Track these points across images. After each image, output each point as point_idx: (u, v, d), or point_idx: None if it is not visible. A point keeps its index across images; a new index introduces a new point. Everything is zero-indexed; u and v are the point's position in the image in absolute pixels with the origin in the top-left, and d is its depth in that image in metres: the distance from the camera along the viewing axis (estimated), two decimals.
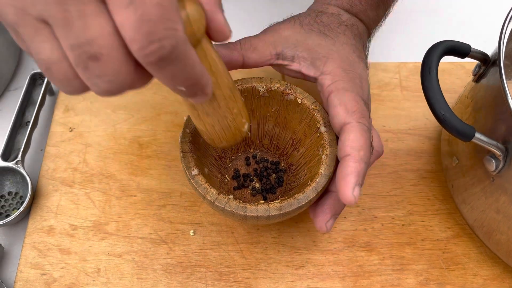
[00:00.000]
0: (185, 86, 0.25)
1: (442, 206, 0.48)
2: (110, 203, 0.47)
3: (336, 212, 0.38)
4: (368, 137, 0.36)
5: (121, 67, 0.23)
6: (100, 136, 0.51)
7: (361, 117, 0.37)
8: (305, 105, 0.40)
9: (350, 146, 0.35)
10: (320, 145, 0.39)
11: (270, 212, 0.35)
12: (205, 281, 0.43)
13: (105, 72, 0.23)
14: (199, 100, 0.27)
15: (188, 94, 0.26)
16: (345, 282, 0.44)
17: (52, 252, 0.44)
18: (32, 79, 0.51)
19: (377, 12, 0.45)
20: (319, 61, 0.39)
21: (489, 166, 0.38)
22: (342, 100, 0.37)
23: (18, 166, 0.45)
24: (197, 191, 0.36)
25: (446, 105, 0.36)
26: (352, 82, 0.38)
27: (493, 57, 0.40)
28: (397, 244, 0.46)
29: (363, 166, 0.35)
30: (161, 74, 0.24)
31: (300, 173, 0.43)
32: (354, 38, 0.42)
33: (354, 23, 0.43)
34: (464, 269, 0.45)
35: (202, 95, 0.27)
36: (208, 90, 0.27)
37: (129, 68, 0.23)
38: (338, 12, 0.43)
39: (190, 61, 0.24)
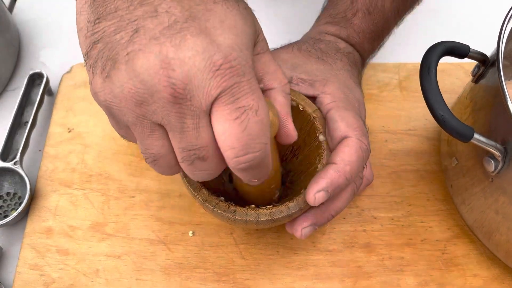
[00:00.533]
0: (256, 180, 0.30)
1: (442, 207, 0.48)
2: (109, 203, 0.47)
3: (317, 223, 0.38)
4: (362, 156, 0.36)
5: (218, 165, 0.28)
6: (99, 137, 0.51)
7: (362, 135, 0.36)
8: (306, 112, 0.39)
9: (340, 157, 0.35)
10: (317, 154, 0.39)
11: (259, 217, 0.35)
12: (204, 282, 0.43)
13: (206, 168, 0.28)
14: (256, 184, 0.30)
15: (252, 182, 0.30)
16: (344, 283, 0.44)
17: (51, 253, 0.44)
18: (31, 79, 0.50)
19: (372, 45, 0.46)
20: (318, 83, 0.40)
21: (488, 166, 0.38)
22: (343, 116, 0.37)
23: (17, 167, 0.45)
24: (189, 190, 0.36)
25: (445, 105, 0.36)
26: (351, 104, 0.39)
27: (492, 58, 0.40)
28: (396, 245, 0.46)
29: (341, 180, 0.35)
30: (241, 175, 0.28)
31: (297, 180, 0.42)
32: (350, 65, 0.43)
33: (351, 51, 0.44)
34: (463, 270, 0.45)
35: (261, 181, 0.30)
36: (267, 178, 0.30)
37: (224, 165, 0.28)
38: (335, 40, 0.44)
39: (268, 166, 0.29)
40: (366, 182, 0.43)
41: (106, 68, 0.25)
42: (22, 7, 0.61)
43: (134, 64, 0.25)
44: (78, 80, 0.54)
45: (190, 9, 0.25)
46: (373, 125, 0.52)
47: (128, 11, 0.25)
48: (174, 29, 0.25)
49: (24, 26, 0.59)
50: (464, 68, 0.56)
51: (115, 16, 0.25)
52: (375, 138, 0.52)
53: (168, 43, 0.24)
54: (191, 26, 0.25)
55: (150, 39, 0.25)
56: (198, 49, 0.24)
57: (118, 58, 0.25)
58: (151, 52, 0.24)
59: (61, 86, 0.53)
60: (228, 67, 0.25)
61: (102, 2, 0.26)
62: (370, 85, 0.55)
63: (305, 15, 0.50)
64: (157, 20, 0.25)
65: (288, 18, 0.61)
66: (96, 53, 0.26)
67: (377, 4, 0.44)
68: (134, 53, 0.25)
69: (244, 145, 0.26)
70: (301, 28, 0.49)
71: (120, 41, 0.25)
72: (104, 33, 0.25)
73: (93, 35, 0.26)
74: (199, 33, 0.25)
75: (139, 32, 0.25)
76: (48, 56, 0.57)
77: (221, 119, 0.25)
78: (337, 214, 0.39)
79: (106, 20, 0.26)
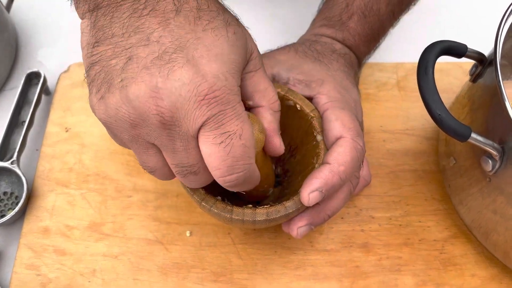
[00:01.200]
0: (244, 191, 0.33)
1: (439, 207, 0.48)
2: (106, 203, 0.47)
3: (313, 222, 0.38)
4: (356, 157, 0.36)
5: (210, 176, 0.31)
6: (96, 137, 0.50)
7: (356, 136, 0.37)
8: (304, 111, 0.40)
9: (334, 157, 0.35)
10: (315, 154, 0.39)
11: (256, 217, 0.35)
12: (201, 282, 0.43)
13: (199, 179, 0.31)
14: (245, 190, 0.33)
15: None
16: (342, 283, 0.44)
17: (48, 252, 0.44)
18: (28, 79, 0.50)
19: (368, 48, 0.46)
20: (314, 83, 0.40)
21: (486, 166, 0.38)
22: (338, 116, 0.37)
23: (14, 166, 0.45)
24: (186, 189, 0.36)
25: (442, 105, 0.36)
26: (347, 104, 0.39)
27: (489, 57, 0.40)
28: (394, 244, 0.46)
29: (336, 180, 0.35)
30: (231, 189, 0.31)
31: (294, 180, 0.42)
32: (347, 66, 0.43)
33: (347, 52, 0.44)
34: (461, 269, 0.45)
35: (250, 188, 0.33)
36: (255, 185, 0.33)
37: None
38: (331, 42, 0.44)
39: (254, 180, 0.32)
40: (364, 182, 0.44)
41: (101, 90, 0.28)
42: (19, 7, 0.61)
43: (127, 91, 0.27)
44: (76, 80, 0.54)
45: (179, 39, 0.27)
46: (370, 125, 0.52)
47: (123, 38, 0.27)
48: (164, 59, 0.26)
49: (22, 25, 0.59)
50: (463, 67, 0.56)
51: (111, 42, 0.27)
52: (373, 138, 0.52)
53: (157, 73, 0.26)
54: (179, 57, 0.26)
55: (142, 68, 0.26)
56: (185, 80, 0.26)
57: (113, 83, 0.27)
58: (143, 81, 0.26)
59: (59, 86, 0.53)
60: (213, 96, 0.27)
61: (101, 26, 0.28)
62: (368, 84, 0.55)
63: (302, 16, 0.50)
64: (149, 49, 0.27)
65: (285, 18, 0.61)
66: (93, 74, 0.28)
67: (372, 8, 0.44)
68: (127, 81, 0.27)
69: (229, 167, 0.28)
70: (298, 29, 0.49)
71: (115, 66, 0.27)
72: (101, 57, 0.28)
73: (92, 57, 0.28)
74: (186, 63, 0.26)
75: (132, 60, 0.27)
76: (46, 55, 0.57)
77: (207, 143, 0.28)
78: (333, 214, 0.39)
79: (104, 45, 0.28)
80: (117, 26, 0.27)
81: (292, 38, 0.47)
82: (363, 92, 0.54)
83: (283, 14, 0.61)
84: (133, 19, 0.27)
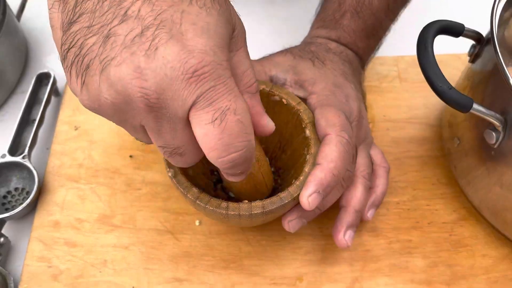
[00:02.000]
0: (238, 175, 0.30)
1: (446, 190, 0.48)
2: (116, 196, 0.47)
3: (304, 216, 0.38)
4: (344, 151, 0.36)
5: (196, 156, 0.29)
6: (105, 133, 0.51)
7: (341, 131, 0.37)
8: (290, 105, 0.40)
9: (322, 156, 0.36)
10: (305, 145, 0.39)
11: (252, 210, 0.34)
12: (212, 270, 0.43)
13: (185, 160, 0.29)
14: (241, 179, 0.31)
15: (234, 177, 0.30)
16: (353, 266, 0.44)
17: (59, 245, 0.44)
18: (38, 80, 0.52)
19: (367, 43, 0.47)
20: (307, 83, 0.41)
21: (490, 139, 0.38)
22: (323, 114, 0.38)
23: (25, 161, 0.46)
24: (179, 190, 0.36)
25: (444, 78, 0.36)
26: (336, 100, 0.40)
27: (487, 36, 0.41)
28: (403, 228, 0.46)
29: (329, 178, 0.35)
30: (225, 172, 0.29)
31: (287, 175, 0.43)
32: (343, 63, 0.44)
33: (343, 50, 0.45)
34: (472, 250, 0.44)
35: (245, 175, 0.31)
36: (247, 174, 0.31)
37: (201, 154, 0.29)
38: (326, 42, 0.45)
39: (251, 161, 0.29)
40: (384, 169, 0.44)
41: (82, 75, 0.25)
42: (29, 16, 0.63)
43: (108, 74, 0.24)
44: None
45: (161, 13, 0.25)
46: (374, 115, 0.53)
47: (99, 13, 0.25)
48: (145, 36, 0.24)
49: (31, 33, 0.61)
50: (461, 58, 0.57)
51: (85, 18, 0.25)
52: (377, 127, 0.52)
53: (139, 52, 0.24)
54: (161, 33, 0.24)
55: (122, 47, 0.24)
56: (169, 58, 0.24)
57: (92, 66, 0.25)
58: (123, 61, 0.24)
59: (68, 87, 0.55)
60: (201, 73, 0.25)
61: (73, 4, 0.26)
62: (370, 77, 0.56)
63: (303, 17, 0.51)
64: (127, 26, 0.24)
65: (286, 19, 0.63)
66: (71, 58, 0.26)
67: (364, 3, 0.45)
68: (107, 62, 0.24)
69: (226, 145, 0.26)
70: (299, 29, 0.50)
71: (93, 46, 0.25)
72: (77, 36, 0.25)
73: (67, 39, 0.26)
74: (170, 39, 0.24)
75: (110, 39, 0.24)
76: (54, 61, 0.59)
77: (200, 123, 0.26)
78: (325, 208, 0.40)
79: (78, 23, 0.25)
80: (90, 1, 0.25)
81: (293, 39, 0.48)
82: (366, 84, 0.54)
83: (284, 15, 0.63)
84: None
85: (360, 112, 0.41)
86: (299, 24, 0.51)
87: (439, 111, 0.53)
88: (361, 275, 0.43)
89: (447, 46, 0.48)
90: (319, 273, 0.43)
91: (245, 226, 0.45)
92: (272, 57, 0.44)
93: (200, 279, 0.43)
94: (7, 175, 0.47)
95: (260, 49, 0.46)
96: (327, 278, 0.43)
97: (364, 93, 0.46)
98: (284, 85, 0.41)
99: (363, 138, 0.42)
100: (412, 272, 0.43)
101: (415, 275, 0.43)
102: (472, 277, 0.43)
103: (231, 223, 0.40)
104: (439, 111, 0.53)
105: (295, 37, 0.48)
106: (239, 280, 0.43)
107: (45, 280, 0.43)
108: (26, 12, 0.64)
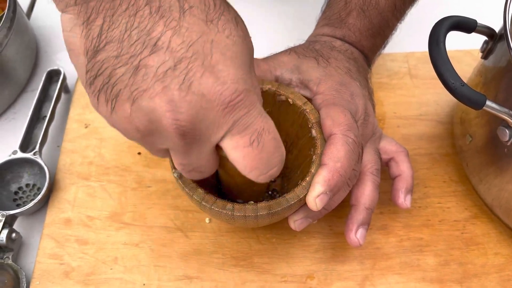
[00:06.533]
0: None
1: (458, 188, 0.48)
2: (126, 194, 0.48)
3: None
4: (350, 150, 0.36)
5: (212, 172, 0.31)
6: (114, 131, 0.50)
7: (347, 130, 0.37)
8: (296, 105, 0.39)
9: (328, 157, 0.36)
10: (311, 145, 0.39)
11: (258, 211, 0.34)
12: (222, 267, 0.43)
13: (201, 176, 0.31)
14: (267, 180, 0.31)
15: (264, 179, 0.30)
16: (363, 264, 0.43)
17: (70, 242, 0.45)
18: (49, 77, 0.52)
19: (373, 42, 0.46)
20: (312, 83, 0.40)
21: (503, 136, 0.38)
22: (329, 113, 0.38)
23: (36, 157, 0.46)
24: (184, 190, 0.36)
25: (456, 74, 0.36)
26: (342, 98, 0.39)
27: (500, 32, 0.41)
28: (414, 226, 0.45)
29: (336, 178, 0.35)
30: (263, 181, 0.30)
31: (293, 175, 0.42)
32: (348, 61, 0.43)
33: (347, 48, 0.44)
34: (484, 248, 0.44)
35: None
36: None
37: (215, 170, 0.31)
38: (330, 40, 0.45)
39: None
40: (403, 153, 0.43)
41: (112, 102, 0.26)
42: (38, 14, 0.64)
43: (140, 105, 0.25)
44: None
45: (192, 45, 0.25)
46: (385, 112, 0.53)
47: (127, 42, 0.25)
48: (179, 70, 0.24)
49: (41, 31, 0.61)
50: (473, 55, 0.56)
51: (113, 47, 0.25)
52: (388, 124, 0.52)
53: (173, 86, 0.24)
54: (195, 66, 0.25)
55: (154, 80, 0.24)
56: (205, 91, 0.25)
57: (122, 96, 0.25)
58: (157, 94, 0.24)
59: (78, 85, 0.55)
60: (235, 102, 0.26)
61: (97, 28, 0.25)
62: (380, 74, 0.56)
63: (310, 14, 0.50)
64: (159, 58, 0.24)
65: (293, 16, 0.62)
66: (99, 85, 0.26)
67: (371, 2, 0.45)
68: (139, 94, 0.25)
69: (266, 163, 0.28)
70: (306, 27, 0.49)
71: (122, 77, 0.25)
72: (104, 65, 0.25)
73: (94, 66, 0.25)
74: (203, 73, 0.25)
75: (141, 70, 0.24)
76: (64, 59, 0.59)
77: (237, 147, 0.27)
78: (331, 208, 0.40)
79: (105, 52, 0.25)
80: (116, 28, 0.25)
81: (300, 36, 0.47)
82: (376, 81, 0.55)
83: (291, 12, 0.63)
84: (133, 18, 0.25)
85: (365, 110, 0.41)
86: (307, 21, 0.51)
87: (450, 108, 0.53)
88: (372, 273, 0.43)
89: (457, 42, 0.48)
90: (329, 271, 0.43)
91: (251, 226, 0.45)
92: (277, 56, 0.43)
93: (210, 276, 0.43)
94: (19, 171, 0.47)
95: (268, 45, 0.46)
96: (338, 276, 0.43)
97: (371, 89, 0.46)
98: (290, 84, 0.41)
99: (369, 136, 0.42)
100: (424, 270, 0.43)
101: (427, 273, 0.43)
102: (484, 275, 0.43)
103: (237, 224, 0.40)
104: (450, 108, 0.53)
105: (302, 34, 0.48)
106: (250, 278, 0.43)
107: (57, 277, 0.43)
108: (36, 10, 0.64)
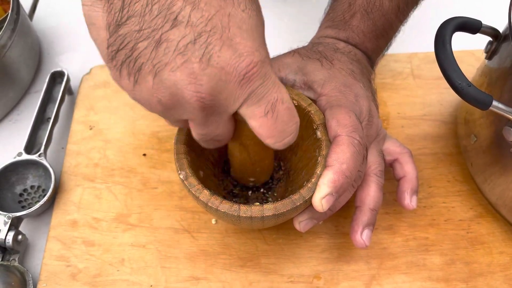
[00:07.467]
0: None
1: (462, 188, 0.48)
2: (132, 195, 0.48)
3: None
4: (355, 151, 0.36)
5: (228, 139, 0.33)
6: (120, 133, 0.52)
7: (352, 131, 0.37)
8: (301, 107, 0.39)
9: (334, 158, 0.36)
10: (316, 147, 0.39)
11: (264, 213, 0.34)
12: (229, 268, 0.43)
13: (218, 144, 0.33)
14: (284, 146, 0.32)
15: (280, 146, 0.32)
16: (370, 264, 0.44)
17: (76, 244, 0.45)
18: (52, 78, 0.52)
19: (377, 43, 0.46)
20: (316, 84, 0.40)
21: (509, 136, 0.38)
22: (334, 115, 0.38)
23: (41, 159, 0.46)
24: (190, 192, 0.36)
25: (462, 75, 0.36)
26: (346, 100, 0.39)
27: (504, 33, 0.41)
28: (420, 225, 0.46)
29: (342, 179, 0.35)
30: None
31: (297, 176, 0.42)
32: (352, 63, 0.43)
33: (351, 50, 0.45)
34: (489, 247, 0.44)
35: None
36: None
37: (231, 137, 0.33)
38: (333, 41, 0.45)
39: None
40: (407, 154, 0.44)
41: (135, 75, 0.27)
42: (41, 15, 0.63)
43: (162, 77, 0.26)
44: (98, 81, 0.55)
45: (211, 19, 0.26)
46: (389, 112, 0.53)
47: (148, 17, 0.26)
48: (199, 43, 0.26)
49: (44, 33, 0.61)
50: (475, 55, 0.57)
51: (134, 21, 0.26)
52: (392, 125, 0.52)
53: (193, 59, 0.26)
54: (214, 40, 0.26)
55: (176, 53, 0.26)
56: (223, 64, 0.26)
57: (145, 69, 0.26)
58: (178, 68, 0.26)
59: (81, 87, 0.55)
60: (251, 74, 0.27)
61: (119, 5, 0.26)
62: (384, 74, 0.56)
63: (313, 14, 0.51)
64: (179, 32, 0.26)
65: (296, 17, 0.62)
66: (121, 58, 0.27)
67: (375, 4, 0.45)
68: (161, 67, 0.26)
69: (281, 132, 0.30)
70: (308, 28, 0.49)
71: (144, 51, 0.26)
72: (126, 39, 0.26)
73: (116, 40, 0.27)
74: (222, 46, 0.26)
75: (163, 44, 0.26)
76: (67, 60, 0.59)
77: (254, 117, 0.29)
78: (336, 210, 0.40)
79: (127, 26, 0.26)
80: (138, 2, 0.26)
81: (302, 37, 0.48)
82: (379, 82, 0.55)
83: (294, 13, 0.63)
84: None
85: (369, 111, 0.41)
86: (310, 22, 0.51)
87: (454, 108, 0.53)
88: (378, 272, 0.43)
89: (460, 42, 0.48)
90: (336, 271, 0.43)
91: (256, 228, 0.45)
92: (280, 58, 0.43)
93: (217, 277, 0.43)
94: (23, 173, 0.47)
95: (271, 47, 0.45)
96: (344, 276, 0.43)
97: (374, 91, 0.46)
98: (293, 86, 0.41)
99: (374, 137, 0.42)
100: (430, 270, 0.43)
101: (433, 272, 0.43)
102: (490, 274, 0.43)
103: (242, 225, 0.40)
104: (454, 108, 0.53)
105: (305, 36, 0.48)
106: (257, 278, 0.43)
107: (64, 279, 0.43)
108: (38, 11, 0.64)
